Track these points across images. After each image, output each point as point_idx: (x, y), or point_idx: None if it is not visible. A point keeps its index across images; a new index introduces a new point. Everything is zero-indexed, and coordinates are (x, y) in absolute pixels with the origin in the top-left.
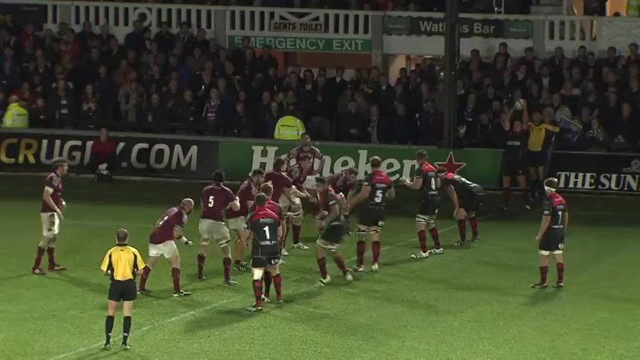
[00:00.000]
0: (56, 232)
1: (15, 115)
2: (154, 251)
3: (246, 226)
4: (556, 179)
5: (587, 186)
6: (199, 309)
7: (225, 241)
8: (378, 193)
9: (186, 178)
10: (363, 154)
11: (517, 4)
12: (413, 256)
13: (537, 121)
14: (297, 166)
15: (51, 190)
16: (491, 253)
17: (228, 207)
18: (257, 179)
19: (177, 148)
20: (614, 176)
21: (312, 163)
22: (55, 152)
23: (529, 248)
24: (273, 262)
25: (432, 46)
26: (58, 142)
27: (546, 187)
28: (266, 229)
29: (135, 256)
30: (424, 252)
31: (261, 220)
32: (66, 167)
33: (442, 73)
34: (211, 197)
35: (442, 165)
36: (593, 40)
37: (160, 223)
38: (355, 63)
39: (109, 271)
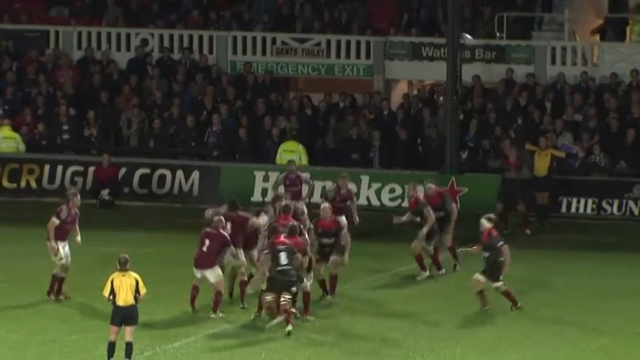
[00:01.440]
0: (65, 261)
1: (1, 139)
2: (198, 275)
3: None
4: (494, 215)
5: (589, 211)
6: (201, 334)
7: (243, 267)
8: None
9: (188, 203)
10: (364, 179)
11: (519, 30)
12: (418, 278)
13: (543, 146)
14: (287, 193)
15: (57, 222)
16: None
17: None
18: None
19: (179, 173)
20: (616, 201)
21: (300, 189)
22: (57, 178)
23: (528, 274)
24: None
25: (433, 72)
26: (60, 168)
27: (487, 224)
28: (282, 254)
29: (137, 281)
30: (425, 271)
31: (279, 247)
32: (77, 200)
33: (441, 98)
34: (228, 224)
35: (445, 190)
36: (595, 66)
37: (204, 249)
38: (357, 88)
39: (110, 297)
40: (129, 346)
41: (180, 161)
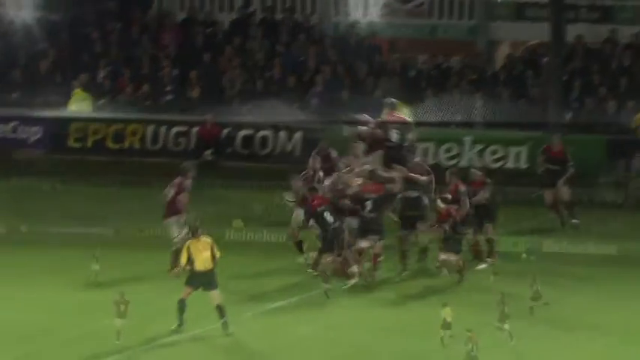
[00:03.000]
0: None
1: (78, 101)
2: None
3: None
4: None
5: None
6: (296, 297)
7: None
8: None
9: (291, 163)
10: (467, 140)
11: None
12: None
13: None
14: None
15: (187, 195)
16: None
17: None
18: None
19: (282, 134)
20: None
21: None
22: (160, 138)
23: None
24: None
25: (537, 32)
26: (163, 128)
27: (442, 204)
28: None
29: (211, 246)
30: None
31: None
32: (194, 171)
33: (545, 59)
34: None
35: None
36: None
37: None
38: (460, 49)
39: (188, 265)
40: (220, 309)
41: (283, 122)
